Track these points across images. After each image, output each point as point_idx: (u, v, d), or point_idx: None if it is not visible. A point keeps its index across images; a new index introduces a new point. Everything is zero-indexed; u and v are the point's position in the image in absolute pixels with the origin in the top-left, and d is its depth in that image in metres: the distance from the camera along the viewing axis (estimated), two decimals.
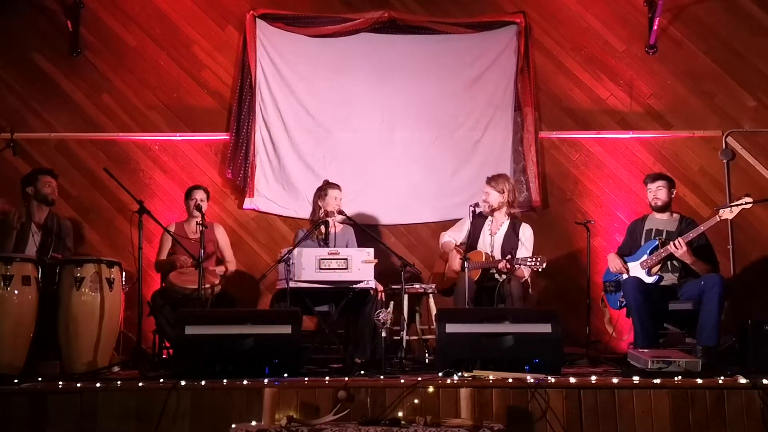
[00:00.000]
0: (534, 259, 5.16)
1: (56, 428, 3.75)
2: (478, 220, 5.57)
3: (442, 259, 5.78)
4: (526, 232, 5.59)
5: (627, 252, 5.45)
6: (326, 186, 5.73)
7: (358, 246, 5.57)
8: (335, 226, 5.68)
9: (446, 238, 5.75)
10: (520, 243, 5.51)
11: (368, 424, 3.42)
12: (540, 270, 5.18)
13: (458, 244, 5.65)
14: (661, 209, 5.41)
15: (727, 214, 5.07)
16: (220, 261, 5.86)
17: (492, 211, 5.59)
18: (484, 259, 5.46)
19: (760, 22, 6.51)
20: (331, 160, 6.45)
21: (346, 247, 5.49)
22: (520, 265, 5.22)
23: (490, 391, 3.81)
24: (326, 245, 5.47)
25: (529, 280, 5.47)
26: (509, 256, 5.24)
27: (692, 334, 5.03)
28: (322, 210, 5.65)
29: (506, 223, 5.62)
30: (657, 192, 5.39)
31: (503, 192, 5.59)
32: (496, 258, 5.46)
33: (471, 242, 5.48)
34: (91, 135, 6.47)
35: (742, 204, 5.04)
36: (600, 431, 3.78)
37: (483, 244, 5.57)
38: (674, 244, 5.05)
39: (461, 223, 5.80)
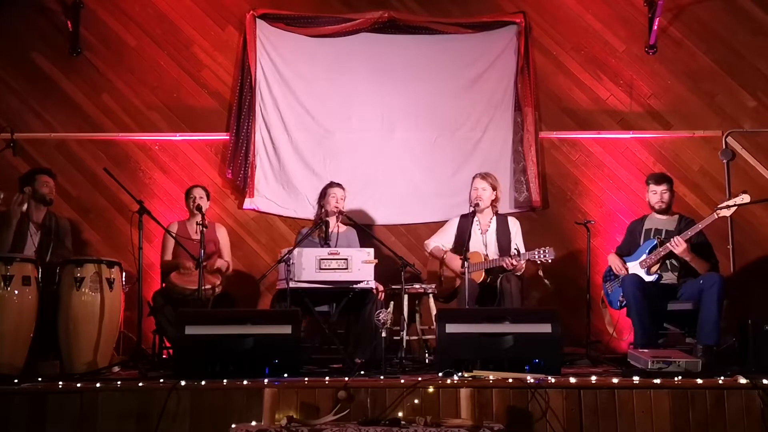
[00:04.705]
0: (540, 252, 5.15)
1: (56, 428, 3.75)
2: (465, 221, 5.56)
3: (434, 258, 5.76)
4: (515, 225, 5.63)
5: (626, 252, 5.46)
6: (327, 186, 5.75)
7: (360, 247, 5.56)
8: (338, 227, 5.68)
9: (434, 244, 5.71)
10: (513, 236, 5.52)
11: (368, 424, 3.42)
12: (549, 261, 5.17)
13: (449, 249, 5.62)
14: (665, 211, 5.41)
15: (725, 211, 5.08)
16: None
17: (483, 208, 5.58)
18: (483, 260, 5.46)
19: (760, 22, 6.51)
20: (331, 160, 6.45)
21: (348, 247, 5.47)
22: (528, 259, 5.22)
23: (490, 391, 3.81)
24: (327, 245, 5.47)
25: (541, 272, 5.43)
26: (515, 252, 5.24)
27: (692, 334, 5.04)
28: (323, 210, 5.67)
29: (494, 219, 5.63)
30: (663, 195, 5.38)
31: (496, 189, 5.61)
32: (492, 256, 5.46)
33: (462, 244, 5.33)
34: (91, 135, 6.47)
35: (738, 201, 5.05)
36: (600, 431, 3.78)
37: (476, 244, 5.54)
38: (673, 242, 5.05)
39: (446, 228, 5.77)
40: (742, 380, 3.87)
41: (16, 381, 4.07)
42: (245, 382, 3.89)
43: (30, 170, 5.61)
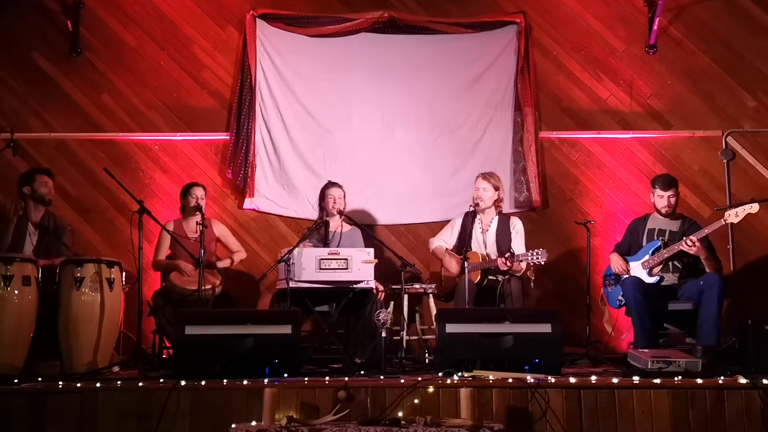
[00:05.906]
0: (533, 254, 5.13)
1: (56, 428, 3.75)
2: (467, 219, 5.56)
3: (436, 257, 5.75)
4: (517, 226, 5.61)
5: (626, 251, 5.44)
6: (324, 187, 5.75)
7: (365, 247, 5.54)
8: (342, 227, 5.67)
9: (437, 243, 5.71)
10: (512, 237, 5.51)
11: (368, 424, 3.42)
12: (542, 263, 5.16)
13: (450, 248, 5.62)
14: (670, 214, 5.39)
15: (733, 218, 5.05)
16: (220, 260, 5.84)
17: (483, 208, 5.58)
18: (481, 260, 5.45)
19: (760, 22, 6.51)
20: (331, 160, 6.45)
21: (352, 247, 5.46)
22: (520, 261, 5.21)
23: (490, 391, 3.81)
24: (327, 246, 5.46)
25: (531, 275, 5.44)
26: (508, 254, 5.22)
27: (692, 334, 5.04)
28: (324, 211, 5.67)
29: (495, 219, 5.63)
30: (670, 199, 5.34)
31: (498, 189, 5.60)
32: (492, 256, 5.45)
33: (463, 243, 5.36)
34: (91, 135, 6.47)
35: (747, 209, 5.02)
36: (600, 431, 3.78)
37: (476, 243, 5.55)
38: (688, 242, 5.01)
39: (450, 226, 5.78)
40: (742, 380, 3.87)
41: (16, 381, 4.07)
42: (245, 382, 3.89)
43: (29, 170, 5.61)
